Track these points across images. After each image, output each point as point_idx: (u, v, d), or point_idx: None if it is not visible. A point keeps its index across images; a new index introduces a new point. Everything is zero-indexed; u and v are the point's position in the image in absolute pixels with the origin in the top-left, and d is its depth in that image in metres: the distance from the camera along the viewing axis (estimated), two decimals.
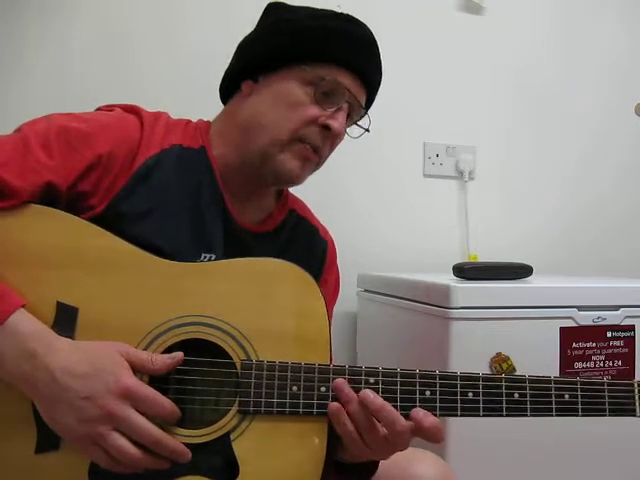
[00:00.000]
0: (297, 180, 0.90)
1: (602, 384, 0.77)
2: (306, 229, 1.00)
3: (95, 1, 1.56)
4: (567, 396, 0.76)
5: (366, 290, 1.63)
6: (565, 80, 1.95)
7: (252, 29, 0.94)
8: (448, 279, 1.29)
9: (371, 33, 0.92)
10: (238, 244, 0.88)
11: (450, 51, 1.84)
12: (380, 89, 0.95)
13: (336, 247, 1.03)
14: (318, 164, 0.92)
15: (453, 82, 1.84)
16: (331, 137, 0.88)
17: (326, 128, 0.87)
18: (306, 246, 0.98)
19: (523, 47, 1.91)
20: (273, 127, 0.86)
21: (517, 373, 1.18)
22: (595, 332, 1.26)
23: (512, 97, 1.91)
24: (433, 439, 0.71)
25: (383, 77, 0.94)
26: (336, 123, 0.86)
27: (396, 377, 0.74)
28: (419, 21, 1.81)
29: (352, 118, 0.92)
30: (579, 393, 0.76)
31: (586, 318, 1.26)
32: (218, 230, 0.87)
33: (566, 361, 1.23)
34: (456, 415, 0.74)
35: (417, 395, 0.74)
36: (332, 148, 0.91)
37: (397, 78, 1.61)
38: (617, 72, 2.00)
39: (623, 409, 0.76)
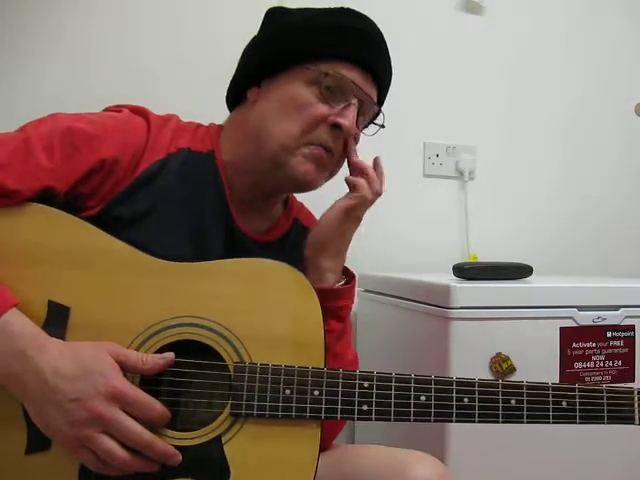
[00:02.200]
0: (313, 183, 0.87)
1: (601, 391, 0.75)
2: None
3: None
4: (564, 403, 0.74)
5: (366, 290, 1.63)
6: (565, 80, 1.95)
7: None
8: (448, 279, 1.28)
9: (377, 27, 0.89)
10: (241, 253, 0.85)
11: (450, 51, 1.83)
12: None
13: None
14: (333, 168, 0.88)
15: (453, 82, 1.84)
16: (342, 136, 0.85)
17: (336, 127, 0.83)
18: None
19: (523, 47, 1.91)
20: (281, 132, 0.83)
21: (516, 375, 1.18)
22: (595, 332, 1.26)
23: (512, 97, 1.90)
24: None
25: None
26: (346, 120, 0.83)
27: (391, 382, 0.73)
28: (419, 21, 1.80)
29: (365, 115, 0.89)
30: (577, 400, 0.74)
31: (586, 318, 1.26)
32: (219, 238, 0.85)
33: (566, 361, 1.23)
34: (451, 421, 0.73)
35: (412, 400, 0.73)
36: (347, 149, 0.88)
37: (397, 78, 1.60)
38: (617, 72, 2.00)
39: (622, 417, 0.74)
